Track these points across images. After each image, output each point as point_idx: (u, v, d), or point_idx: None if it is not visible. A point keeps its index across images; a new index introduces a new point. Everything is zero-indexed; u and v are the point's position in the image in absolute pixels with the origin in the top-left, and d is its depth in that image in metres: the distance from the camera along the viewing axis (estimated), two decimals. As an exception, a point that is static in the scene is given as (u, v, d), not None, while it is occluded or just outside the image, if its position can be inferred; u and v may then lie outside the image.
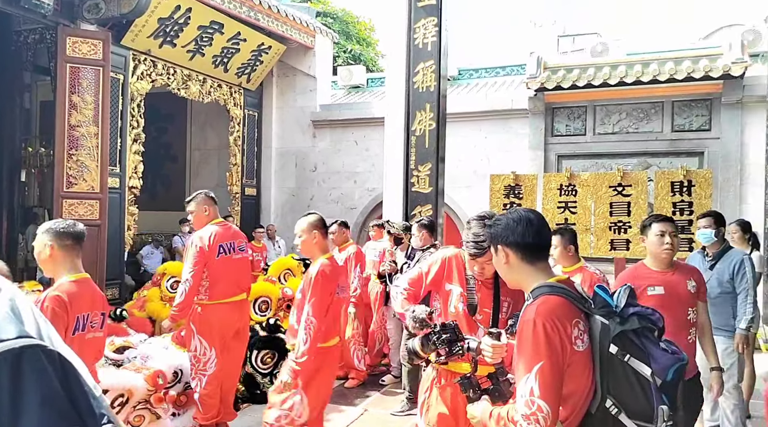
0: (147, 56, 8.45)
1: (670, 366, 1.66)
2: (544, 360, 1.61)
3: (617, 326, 1.68)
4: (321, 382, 3.41)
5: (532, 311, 1.68)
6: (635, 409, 1.63)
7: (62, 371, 0.95)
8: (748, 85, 8.10)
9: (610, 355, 1.66)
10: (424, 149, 6.22)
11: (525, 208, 2.05)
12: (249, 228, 9.83)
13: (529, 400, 1.59)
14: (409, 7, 6.11)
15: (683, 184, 5.27)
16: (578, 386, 1.67)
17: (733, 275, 4.12)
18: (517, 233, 1.80)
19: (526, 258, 1.80)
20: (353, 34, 17.58)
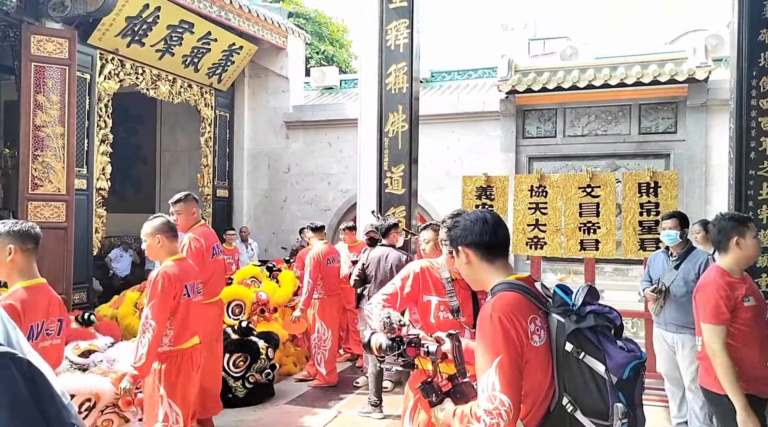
0: (115, 55, 8.29)
1: (626, 364, 1.66)
2: (503, 354, 1.62)
3: (572, 324, 1.70)
4: (184, 384, 3.36)
5: (489, 307, 1.71)
6: (590, 407, 1.65)
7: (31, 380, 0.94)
8: (712, 88, 8.32)
9: (565, 352, 1.68)
10: (397, 151, 6.24)
11: (480, 209, 2.08)
12: (221, 230, 9.72)
13: (491, 395, 1.61)
14: (381, 9, 6.13)
15: (650, 186, 5.38)
16: (536, 382, 1.68)
17: (698, 274, 4.22)
18: (475, 233, 1.84)
19: (485, 257, 1.84)
20: (326, 35, 17.53)
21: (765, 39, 5.20)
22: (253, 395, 5.30)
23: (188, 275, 3.40)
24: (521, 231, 5.80)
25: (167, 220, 3.46)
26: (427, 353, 2.05)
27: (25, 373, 0.93)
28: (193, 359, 3.44)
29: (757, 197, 5.14)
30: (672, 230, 4.35)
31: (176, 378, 3.32)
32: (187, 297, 3.34)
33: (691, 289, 4.22)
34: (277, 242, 10.90)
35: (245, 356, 5.28)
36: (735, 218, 2.99)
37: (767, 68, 5.18)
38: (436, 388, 1.88)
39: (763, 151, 5.16)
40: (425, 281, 2.65)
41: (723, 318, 2.78)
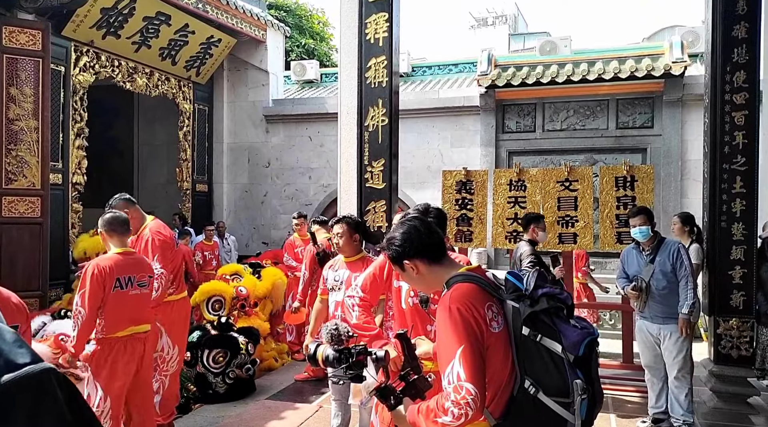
0: (90, 47, 8.15)
1: (580, 341, 1.72)
2: (465, 343, 1.65)
3: (527, 308, 1.75)
4: (112, 372, 3.47)
5: (446, 299, 1.74)
6: (551, 386, 1.69)
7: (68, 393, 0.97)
8: (688, 83, 8.45)
9: (523, 337, 1.73)
10: (377, 145, 6.22)
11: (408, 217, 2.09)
12: (201, 225, 9.64)
13: (457, 385, 1.63)
14: (360, 2, 6.08)
15: (626, 180, 5.45)
16: (498, 369, 1.71)
17: (674, 263, 4.32)
18: (414, 244, 1.88)
19: (432, 261, 1.89)
20: (307, 28, 17.38)
21: (738, 35, 5.29)
22: (233, 391, 5.28)
23: (125, 268, 3.48)
24: (500, 225, 5.84)
25: (115, 215, 3.60)
26: (376, 360, 2.06)
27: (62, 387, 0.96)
28: (127, 348, 3.53)
29: (731, 190, 5.25)
30: (642, 226, 4.43)
31: (104, 362, 3.46)
32: (120, 289, 3.43)
33: (671, 279, 4.31)
34: (258, 237, 10.84)
35: (225, 352, 5.25)
36: None
37: (741, 64, 5.28)
38: (391, 390, 1.88)
39: (736, 146, 5.26)
40: None
41: None
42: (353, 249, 3.85)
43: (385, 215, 6.20)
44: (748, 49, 5.24)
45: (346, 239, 3.79)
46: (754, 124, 5.23)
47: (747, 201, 5.17)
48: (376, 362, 2.07)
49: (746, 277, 5.04)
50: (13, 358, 0.92)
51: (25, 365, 0.92)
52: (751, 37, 5.25)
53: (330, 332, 2.18)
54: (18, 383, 0.90)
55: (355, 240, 3.81)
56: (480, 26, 27.30)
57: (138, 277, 3.57)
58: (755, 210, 5.18)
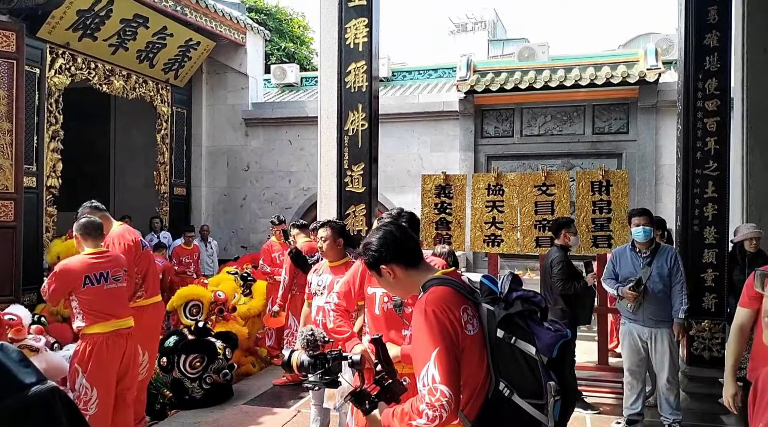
0: (65, 49, 8.04)
1: (554, 343, 1.75)
2: (440, 346, 1.66)
3: (502, 311, 1.77)
4: (98, 367, 3.68)
5: (422, 302, 1.75)
6: (525, 388, 1.71)
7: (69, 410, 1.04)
8: (662, 90, 8.62)
9: (498, 339, 1.74)
10: (357, 149, 6.23)
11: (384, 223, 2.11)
12: (179, 229, 9.55)
13: (432, 387, 1.63)
14: (339, 8, 6.11)
15: (602, 184, 5.54)
16: (473, 371, 1.73)
17: (671, 268, 4.38)
18: (391, 249, 1.90)
19: (409, 265, 1.90)
20: (287, 31, 17.35)
21: (710, 43, 5.42)
22: (210, 396, 5.23)
23: (95, 266, 3.73)
24: (479, 229, 5.89)
25: (90, 219, 3.86)
26: (352, 364, 2.06)
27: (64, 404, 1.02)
28: (109, 344, 3.72)
29: (703, 195, 5.36)
30: (646, 225, 4.42)
31: (89, 358, 3.67)
32: (92, 286, 3.68)
33: (666, 283, 4.35)
34: (236, 241, 10.76)
35: (202, 357, 5.20)
36: None
37: (712, 72, 5.41)
38: (366, 394, 1.88)
39: (708, 151, 5.38)
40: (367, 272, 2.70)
41: None
42: (337, 254, 3.85)
43: (365, 219, 6.21)
44: (720, 57, 5.37)
45: (330, 244, 3.79)
46: (725, 131, 5.36)
47: (719, 205, 5.29)
48: (352, 366, 2.07)
49: (718, 280, 5.15)
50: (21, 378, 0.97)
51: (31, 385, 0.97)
52: (722, 45, 5.38)
53: (305, 337, 2.16)
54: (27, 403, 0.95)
55: (339, 244, 3.81)
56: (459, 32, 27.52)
57: (112, 272, 3.79)
58: (726, 214, 5.30)
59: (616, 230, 5.53)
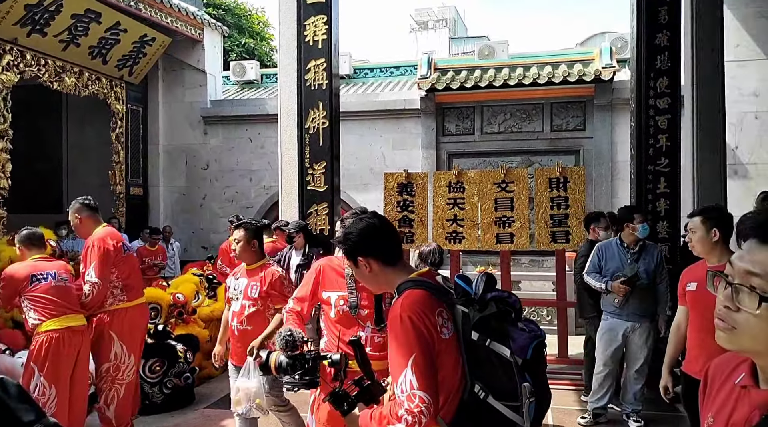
0: (13, 45, 7.73)
1: (528, 344, 1.76)
2: (416, 352, 1.65)
3: (476, 313, 1.77)
4: (54, 364, 3.69)
5: (397, 307, 1.73)
6: (500, 390, 1.71)
7: None
8: (617, 88, 8.84)
9: (472, 341, 1.74)
10: (318, 147, 6.20)
11: (367, 214, 2.09)
12: (136, 230, 9.31)
13: (410, 393, 1.62)
14: (298, 4, 6.05)
15: (559, 181, 5.65)
16: (448, 374, 1.72)
17: (658, 265, 4.46)
18: (371, 241, 1.86)
19: (387, 261, 1.87)
20: (246, 27, 17.10)
21: (661, 43, 5.59)
22: (171, 401, 5.12)
23: (40, 267, 3.85)
24: (441, 226, 5.93)
25: (31, 231, 4.02)
26: (332, 364, 2.03)
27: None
28: (65, 340, 3.74)
29: (656, 191, 5.53)
30: (645, 222, 4.49)
31: (46, 355, 3.68)
32: (39, 283, 3.78)
33: (651, 279, 4.44)
34: (197, 242, 10.57)
35: (162, 361, 5.08)
36: None
37: (663, 70, 5.58)
38: (345, 395, 1.86)
39: (660, 148, 5.55)
40: (324, 277, 2.70)
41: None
42: (252, 256, 3.67)
43: (328, 217, 6.18)
44: (670, 56, 5.55)
45: (244, 245, 3.62)
46: (676, 128, 5.53)
47: (670, 201, 5.46)
48: (332, 365, 2.04)
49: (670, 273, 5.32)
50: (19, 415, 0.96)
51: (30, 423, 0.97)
52: (672, 45, 5.56)
53: (284, 338, 2.12)
54: None
55: (254, 247, 3.64)
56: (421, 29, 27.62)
57: (58, 272, 3.90)
58: (678, 209, 5.48)
59: (574, 225, 5.65)
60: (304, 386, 2.06)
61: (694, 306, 2.99)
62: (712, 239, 2.86)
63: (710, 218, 2.89)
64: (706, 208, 3.03)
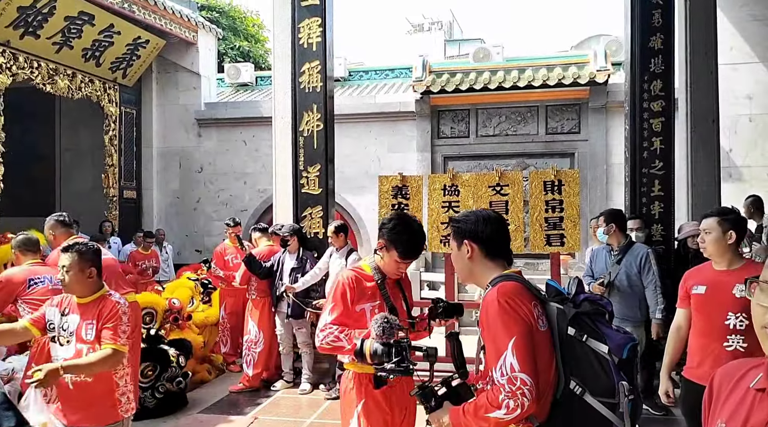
0: (6, 48, 7.69)
1: (624, 344, 1.73)
2: (516, 334, 1.64)
3: (572, 309, 1.77)
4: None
5: (493, 294, 1.73)
6: (598, 387, 1.68)
7: None
8: (611, 91, 8.85)
9: (569, 337, 1.73)
10: (312, 150, 6.18)
11: (489, 209, 2.11)
12: (129, 233, 9.26)
13: (511, 376, 1.61)
14: (293, 7, 6.03)
15: (554, 184, 5.63)
16: (543, 369, 1.69)
17: (640, 268, 4.43)
18: (486, 231, 1.89)
19: (488, 254, 1.89)
20: (241, 30, 17.06)
21: (655, 46, 5.59)
22: (164, 406, 5.08)
23: (38, 272, 3.96)
24: (436, 229, 5.91)
25: (27, 236, 4.13)
26: (427, 356, 2.01)
27: None
28: None
29: (650, 194, 5.53)
30: (600, 227, 4.53)
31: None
32: (36, 287, 3.86)
33: (634, 282, 4.41)
34: (190, 245, 10.51)
35: (154, 365, 5.04)
36: None
37: (657, 73, 5.58)
38: (434, 393, 1.83)
39: (654, 151, 5.55)
40: (355, 289, 2.48)
41: None
42: (87, 287, 2.78)
43: (322, 220, 6.16)
44: (664, 59, 5.55)
45: (76, 274, 2.74)
46: (670, 131, 5.54)
47: (664, 204, 5.46)
48: (427, 357, 2.02)
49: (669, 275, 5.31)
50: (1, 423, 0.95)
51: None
52: (666, 48, 5.56)
53: (381, 325, 2.06)
54: None
55: (90, 275, 2.77)
56: (416, 31, 27.63)
57: (54, 277, 3.92)
58: (672, 212, 5.48)
59: (569, 228, 5.63)
60: (401, 373, 2.02)
61: (700, 310, 2.90)
62: (728, 241, 2.78)
63: (727, 219, 2.81)
64: (723, 210, 2.96)
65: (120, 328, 2.74)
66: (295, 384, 5.72)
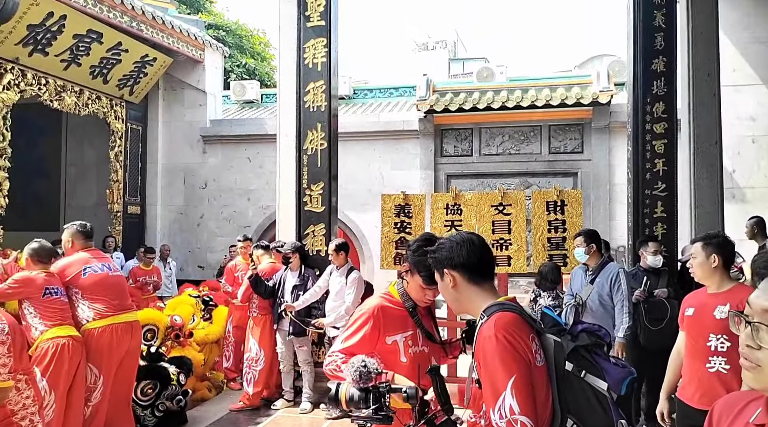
0: (14, 65, 7.78)
1: (623, 379, 1.65)
2: (516, 373, 1.54)
3: (570, 342, 1.67)
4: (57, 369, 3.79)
5: (490, 328, 1.61)
6: (596, 426, 1.60)
7: None
8: (614, 111, 8.89)
9: (566, 372, 1.63)
10: (316, 168, 6.21)
11: (465, 231, 2.01)
12: (133, 248, 9.27)
13: (511, 419, 1.51)
14: (298, 28, 6.11)
15: (557, 204, 5.65)
16: (539, 405, 1.60)
17: (611, 287, 4.41)
18: (462, 255, 1.77)
19: (472, 279, 1.77)
20: (248, 48, 17.23)
21: (657, 68, 5.63)
22: (163, 424, 5.04)
23: (51, 282, 4.04)
24: (438, 248, 5.90)
25: (41, 245, 4.14)
26: (407, 398, 1.90)
27: None
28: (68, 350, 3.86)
29: (653, 215, 5.53)
30: (579, 247, 4.55)
31: (51, 360, 3.79)
32: (50, 296, 3.97)
33: (606, 302, 4.40)
34: (193, 261, 10.52)
35: (154, 383, 5.02)
36: None
37: (660, 95, 5.61)
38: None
39: (657, 173, 5.56)
40: (385, 321, 2.32)
41: None
42: None
43: (325, 238, 6.17)
44: (667, 81, 5.59)
45: None
46: (672, 152, 5.55)
47: (667, 225, 5.45)
48: (407, 400, 1.90)
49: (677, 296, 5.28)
50: None
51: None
52: (668, 70, 5.60)
53: (357, 369, 1.93)
54: None
55: None
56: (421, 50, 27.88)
57: (63, 290, 4.13)
58: (675, 233, 5.47)
59: (572, 248, 5.61)
60: (379, 421, 1.90)
61: (688, 332, 2.96)
62: (712, 264, 2.85)
63: (709, 244, 2.88)
64: (708, 235, 3.00)
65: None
66: (295, 403, 5.68)
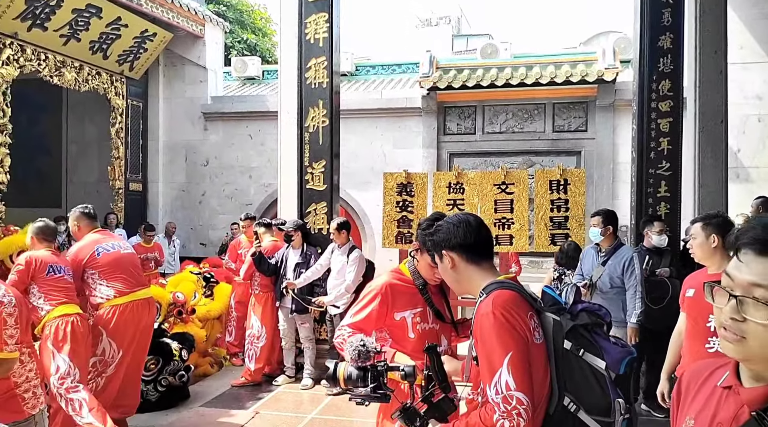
0: (13, 40, 7.70)
1: (622, 359, 1.66)
2: (512, 350, 1.56)
3: (569, 321, 1.68)
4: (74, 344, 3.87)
5: (488, 304, 1.63)
6: (593, 404, 1.62)
7: None
8: (620, 89, 8.78)
9: (564, 351, 1.65)
10: (318, 146, 6.16)
11: (462, 212, 2.00)
12: (135, 225, 9.28)
13: (506, 395, 1.54)
14: (299, 2, 6.01)
15: (560, 183, 5.61)
16: (537, 384, 1.62)
17: (623, 271, 4.38)
18: (459, 236, 1.79)
19: (471, 259, 1.79)
20: (249, 23, 17.03)
21: (664, 45, 5.54)
22: (166, 399, 5.10)
23: (54, 260, 4.04)
24: (440, 227, 5.90)
25: (46, 224, 4.15)
26: (405, 377, 1.92)
27: None
28: (81, 323, 3.95)
29: (656, 194, 5.49)
30: (595, 227, 4.50)
31: (64, 337, 3.86)
32: (54, 275, 3.97)
33: (617, 284, 4.38)
34: (195, 238, 10.54)
35: (156, 359, 5.06)
36: None
37: (666, 73, 5.53)
38: (417, 412, 1.75)
39: (662, 151, 5.50)
40: (394, 297, 2.38)
41: None
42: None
43: (326, 216, 6.15)
44: (673, 58, 5.50)
45: None
46: (678, 131, 5.49)
47: (671, 204, 5.42)
48: (405, 378, 1.92)
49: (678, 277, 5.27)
50: None
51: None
52: (675, 47, 5.51)
53: (356, 348, 1.94)
54: None
55: None
56: (424, 26, 27.53)
57: (66, 269, 4.12)
58: (678, 213, 5.44)
59: (574, 228, 5.61)
60: (377, 400, 1.92)
61: (689, 312, 2.96)
62: (711, 245, 2.84)
63: (709, 224, 2.86)
64: (707, 215, 2.99)
65: (5, 332, 2.45)
66: (296, 379, 5.73)
